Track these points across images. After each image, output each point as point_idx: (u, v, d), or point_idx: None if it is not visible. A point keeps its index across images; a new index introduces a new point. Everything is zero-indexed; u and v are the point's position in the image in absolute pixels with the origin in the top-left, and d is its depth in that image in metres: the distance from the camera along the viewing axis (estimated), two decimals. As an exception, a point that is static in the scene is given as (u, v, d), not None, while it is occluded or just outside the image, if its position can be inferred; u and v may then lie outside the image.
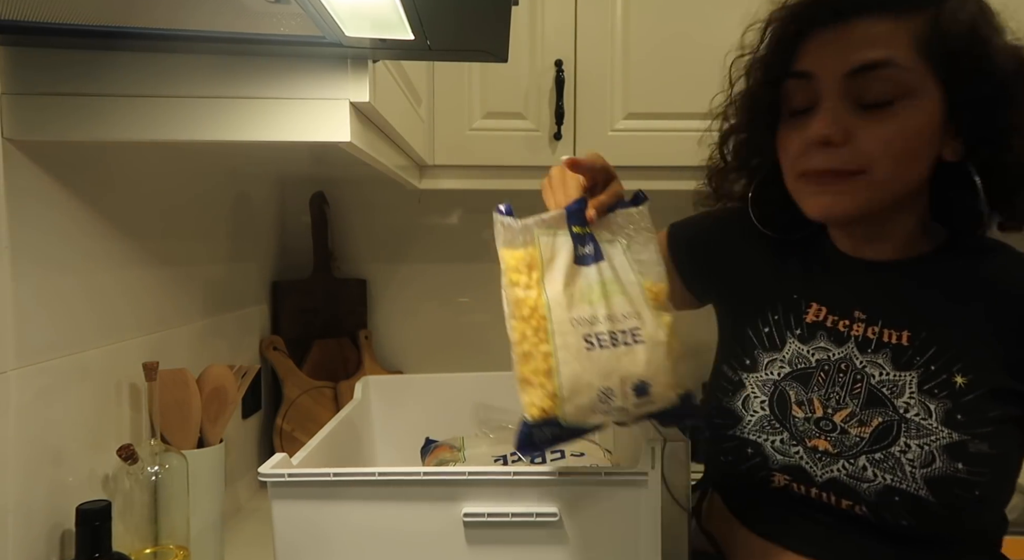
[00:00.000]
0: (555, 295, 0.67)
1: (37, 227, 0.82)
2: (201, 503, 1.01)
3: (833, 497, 0.77)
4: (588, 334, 0.67)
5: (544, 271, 0.69)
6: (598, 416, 0.67)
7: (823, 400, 0.78)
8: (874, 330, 0.78)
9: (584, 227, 0.72)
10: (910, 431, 0.73)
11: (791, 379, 0.81)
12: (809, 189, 0.77)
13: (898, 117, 0.72)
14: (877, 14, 0.72)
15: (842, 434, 0.76)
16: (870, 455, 0.74)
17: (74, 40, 0.73)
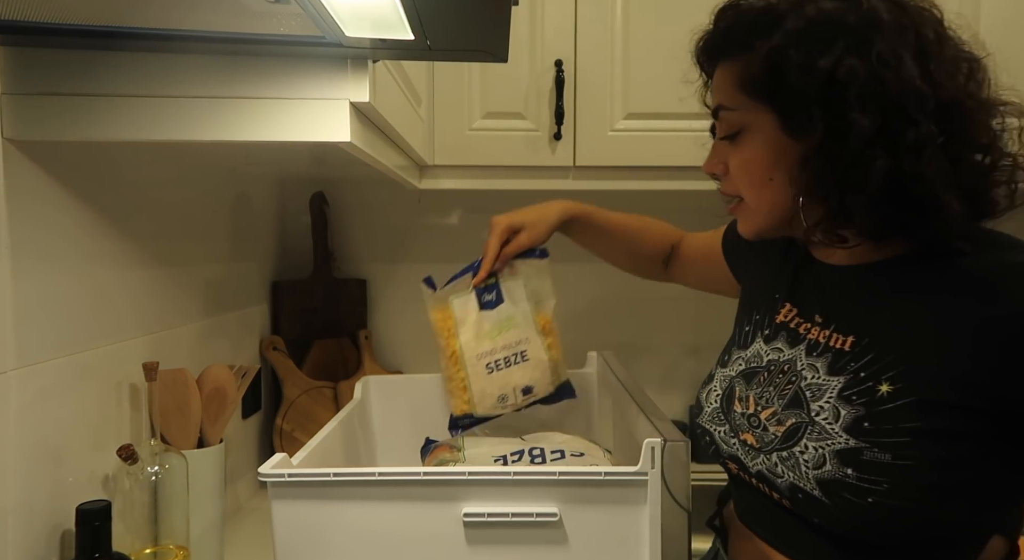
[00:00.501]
0: (465, 342, 1.02)
1: (37, 227, 0.82)
2: (201, 503, 1.01)
3: (766, 488, 0.80)
4: (488, 362, 1.01)
5: (457, 326, 1.04)
6: (498, 409, 1.01)
7: (757, 398, 0.82)
8: (825, 334, 0.79)
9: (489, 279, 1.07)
10: (813, 433, 0.74)
11: (741, 376, 0.86)
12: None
13: (740, 148, 0.79)
14: (726, 58, 0.79)
15: (763, 431, 0.79)
16: (779, 453, 0.76)
17: (74, 40, 0.73)
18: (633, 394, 0.92)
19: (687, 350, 1.73)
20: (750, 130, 0.77)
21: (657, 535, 0.71)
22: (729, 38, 0.79)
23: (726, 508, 0.95)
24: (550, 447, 0.91)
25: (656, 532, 0.71)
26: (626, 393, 0.94)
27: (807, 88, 0.70)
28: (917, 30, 0.71)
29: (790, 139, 0.74)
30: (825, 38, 0.69)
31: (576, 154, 1.40)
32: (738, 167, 0.79)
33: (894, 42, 0.69)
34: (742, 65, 0.76)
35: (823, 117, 0.70)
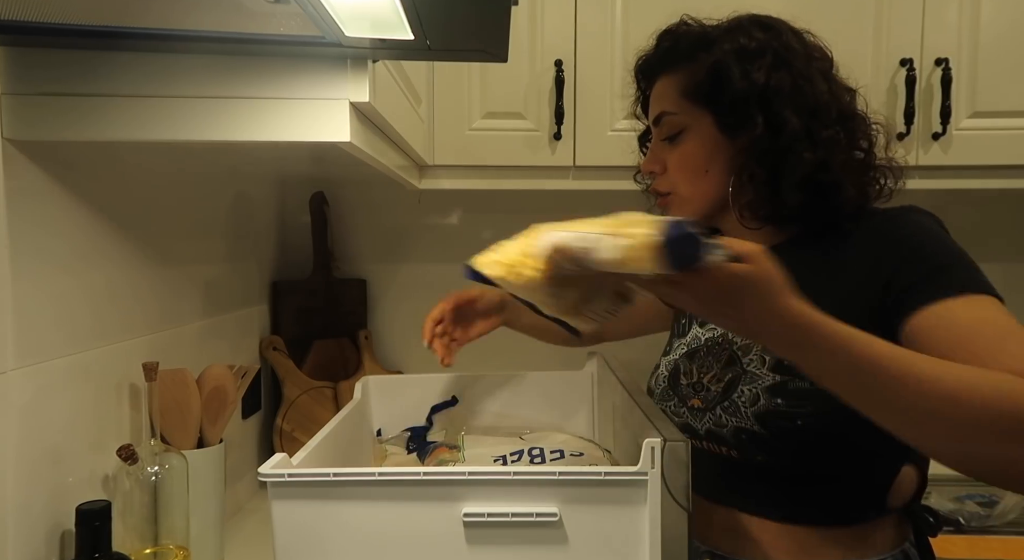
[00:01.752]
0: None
1: (37, 227, 0.82)
2: (201, 503, 1.01)
3: (715, 446, 0.89)
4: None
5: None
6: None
7: (699, 369, 0.94)
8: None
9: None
10: (746, 380, 0.88)
11: (684, 357, 0.98)
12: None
13: (682, 147, 0.93)
14: (667, 71, 0.94)
15: (706, 391, 0.92)
16: (722, 404, 0.89)
17: (74, 40, 0.73)
18: (633, 394, 0.92)
19: (687, 350, 1.72)
20: (690, 130, 0.92)
21: (657, 535, 0.71)
22: (674, 52, 0.94)
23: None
24: (549, 447, 0.91)
25: (656, 532, 0.71)
26: (626, 393, 0.94)
27: (748, 93, 0.86)
28: (819, 59, 0.91)
29: (725, 136, 0.89)
30: (757, 55, 0.87)
31: (576, 154, 1.40)
32: (678, 162, 0.93)
33: (806, 64, 0.88)
34: (686, 75, 0.91)
35: (762, 116, 0.86)
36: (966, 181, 1.42)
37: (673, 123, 0.93)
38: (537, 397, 1.18)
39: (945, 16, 1.38)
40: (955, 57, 1.37)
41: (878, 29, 1.38)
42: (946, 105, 1.37)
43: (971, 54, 1.38)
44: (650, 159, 0.96)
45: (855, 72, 0.98)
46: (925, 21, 1.38)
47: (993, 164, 1.40)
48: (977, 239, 1.74)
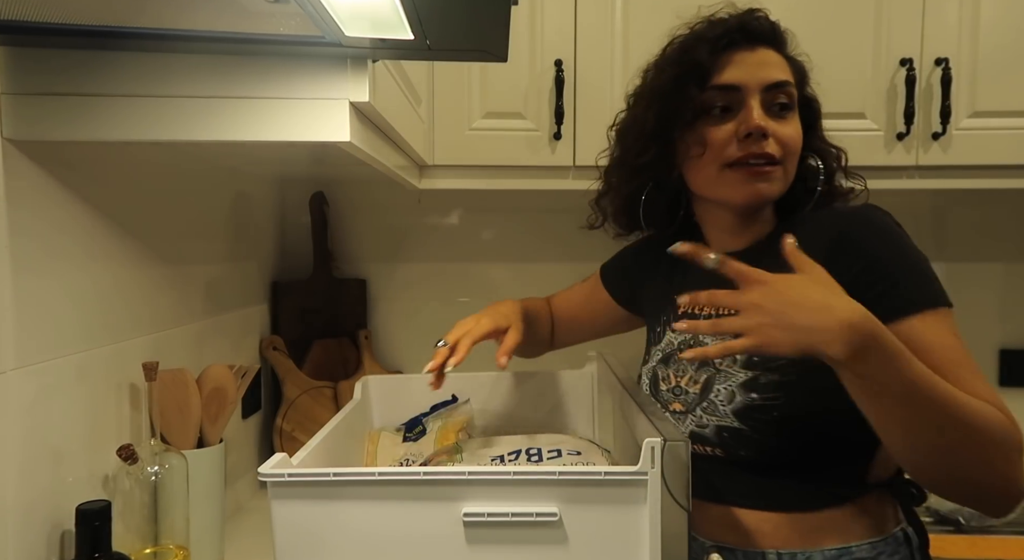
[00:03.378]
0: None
1: (37, 227, 0.82)
2: (201, 503, 1.01)
3: (700, 447, 0.91)
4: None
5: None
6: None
7: (675, 373, 0.97)
8: (714, 309, 0.92)
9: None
10: (720, 379, 0.90)
11: (660, 362, 1.00)
12: (738, 177, 0.92)
13: (793, 124, 0.93)
14: (771, 46, 0.94)
15: (685, 394, 0.94)
16: (701, 405, 0.91)
17: (74, 40, 0.73)
18: (633, 394, 0.92)
19: (687, 350, 1.72)
20: (796, 112, 0.94)
21: (657, 535, 0.71)
22: (776, 33, 0.95)
23: None
24: (547, 446, 0.91)
25: (656, 532, 0.71)
26: (626, 393, 0.94)
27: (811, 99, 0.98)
28: None
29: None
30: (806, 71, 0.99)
31: (576, 154, 1.40)
32: (790, 137, 0.92)
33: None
34: (785, 59, 0.95)
35: (814, 116, 0.98)
36: (966, 181, 1.42)
37: (791, 95, 0.93)
38: (537, 397, 1.18)
39: (945, 16, 1.38)
40: (955, 57, 1.37)
41: (878, 29, 1.38)
42: (946, 105, 1.37)
43: (971, 54, 1.38)
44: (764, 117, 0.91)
45: (855, 72, 0.99)
46: (925, 21, 1.38)
47: (993, 164, 1.40)
48: (977, 239, 1.75)
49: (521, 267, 1.74)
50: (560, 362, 1.66)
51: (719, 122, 0.92)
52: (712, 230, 1.02)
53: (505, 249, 1.74)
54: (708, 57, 0.92)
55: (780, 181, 0.93)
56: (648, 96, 0.99)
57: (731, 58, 0.92)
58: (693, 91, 0.92)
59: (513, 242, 1.74)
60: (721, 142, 0.92)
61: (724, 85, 0.92)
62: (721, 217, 0.99)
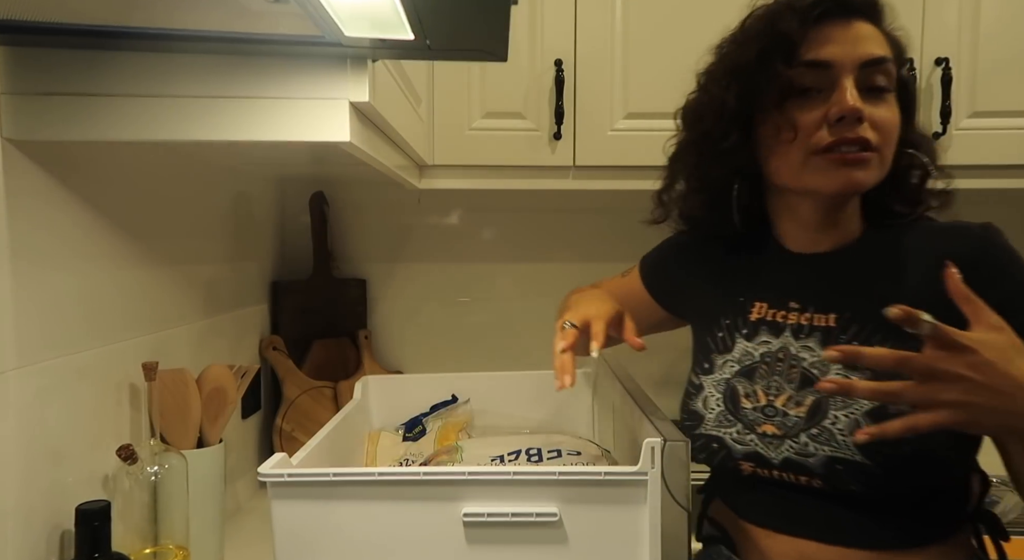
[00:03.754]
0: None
1: (37, 227, 0.82)
2: (201, 503, 1.01)
3: (792, 475, 0.83)
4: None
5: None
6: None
7: (765, 389, 0.87)
8: (807, 317, 0.87)
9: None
10: (836, 404, 0.81)
11: (739, 375, 0.90)
12: (828, 163, 0.82)
13: (892, 106, 0.84)
14: (867, 19, 0.84)
15: (783, 417, 0.84)
16: (808, 431, 0.82)
17: (74, 40, 0.73)
18: (633, 394, 0.92)
19: (687, 350, 1.73)
20: (894, 93, 0.84)
21: (657, 535, 0.71)
22: (874, 4, 0.85)
23: (709, 515, 0.96)
24: (547, 446, 0.91)
25: (656, 532, 0.71)
26: (626, 393, 0.94)
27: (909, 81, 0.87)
28: None
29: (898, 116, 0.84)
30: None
31: (576, 154, 1.40)
32: (888, 121, 0.83)
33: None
34: (883, 34, 0.85)
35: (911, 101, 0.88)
36: (966, 181, 1.42)
37: (889, 75, 0.83)
38: (537, 397, 1.18)
39: (945, 16, 1.38)
40: (955, 57, 1.37)
41: (878, 29, 1.38)
42: (946, 105, 1.37)
43: (971, 54, 1.38)
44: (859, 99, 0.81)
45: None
46: (925, 21, 1.38)
47: (993, 164, 1.40)
48: (977, 239, 1.75)
49: (521, 267, 1.74)
50: (560, 362, 1.65)
51: (808, 103, 0.83)
52: (790, 229, 0.92)
53: (505, 249, 1.74)
54: (797, 29, 0.81)
55: (877, 169, 0.83)
56: (727, 74, 0.88)
57: (823, 31, 0.82)
58: (779, 67, 0.82)
59: (513, 242, 1.74)
60: (810, 126, 0.82)
61: (815, 62, 0.82)
62: (803, 213, 0.89)
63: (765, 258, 0.94)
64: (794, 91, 0.83)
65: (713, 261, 0.99)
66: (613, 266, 1.43)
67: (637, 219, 1.04)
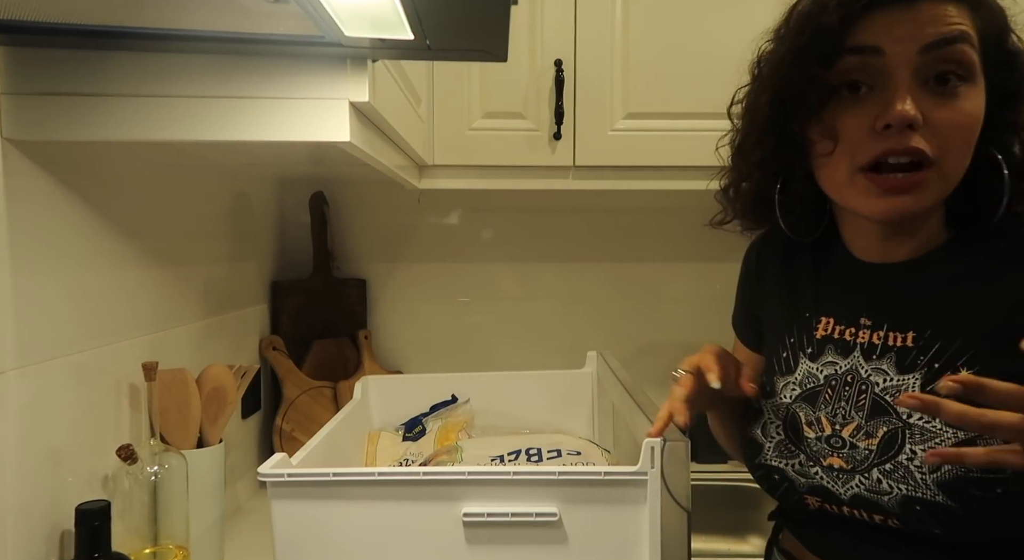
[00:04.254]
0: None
1: (37, 227, 0.82)
2: (201, 503, 1.01)
3: (864, 513, 0.74)
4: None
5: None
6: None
7: (830, 417, 0.77)
8: (879, 335, 0.76)
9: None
10: (914, 437, 0.70)
11: (801, 400, 0.80)
12: (869, 186, 0.70)
13: (965, 101, 0.68)
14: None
15: (852, 449, 0.74)
16: (881, 467, 0.72)
17: (74, 40, 0.73)
18: (633, 394, 0.92)
19: (687, 350, 1.73)
20: (975, 82, 0.69)
21: (657, 535, 0.71)
22: None
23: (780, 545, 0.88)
24: (547, 446, 0.91)
25: (656, 532, 0.71)
26: (626, 393, 0.94)
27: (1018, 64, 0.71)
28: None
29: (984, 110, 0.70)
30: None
31: (576, 154, 1.40)
32: (957, 125, 0.68)
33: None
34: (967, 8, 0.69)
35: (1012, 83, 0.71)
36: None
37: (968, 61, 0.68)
38: (537, 397, 1.18)
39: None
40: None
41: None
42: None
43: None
44: (912, 101, 0.67)
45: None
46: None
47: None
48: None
49: (521, 267, 1.75)
50: (560, 362, 1.65)
51: (854, 106, 0.70)
52: (857, 237, 0.81)
53: (505, 249, 1.74)
54: (839, 22, 0.68)
55: (932, 189, 0.70)
56: (762, 74, 0.78)
57: (875, 17, 0.68)
58: (817, 70, 0.70)
59: (513, 242, 1.74)
60: (854, 136, 0.70)
61: (859, 47, 0.68)
62: (864, 227, 0.79)
63: (832, 268, 0.84)
64: (836, 92, 0.71)
65: (780, 274, 0.89)
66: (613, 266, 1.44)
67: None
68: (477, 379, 1.17)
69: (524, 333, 1.74)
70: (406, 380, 1.23)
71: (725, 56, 1.34)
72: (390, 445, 1.07)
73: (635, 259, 1.72)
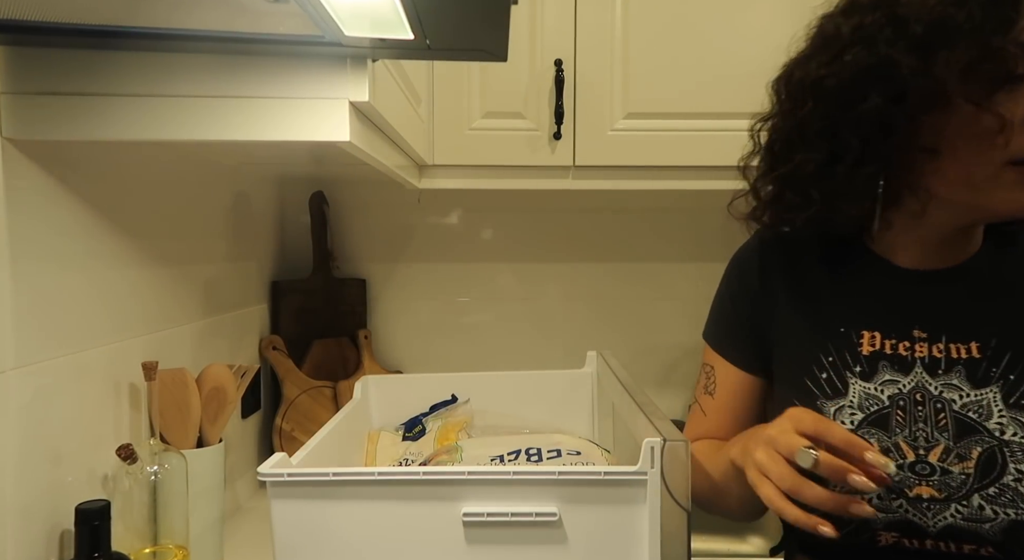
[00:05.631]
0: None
1: (36, 226, 0.82)
2: (201, 503, 1.01)
3: (952, 545, 0.69)
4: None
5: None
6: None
7: (910, 441, 0.70)
8: (939, 348, 0.71)
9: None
10: (1016, 455, 0.65)
11: (868, 425, 0.73)
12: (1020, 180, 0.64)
13: None
14: None
15: (944, 475, 0.68)
16: (982, 492, 0.66)
17: (74, 40, 0.73)
18: (633, 394, 0.92)
19: (687, 350, 1.73)
20: None
21: (657, 535, 0.71)
22: None
23: None
24: (547, 446, 0.91)
25: (656, 532, 0.71)
26: (626, 393, 0.94)
27: None
28: None
29: None
30: None
31: (576, 154, 1.40)
32: None
33: None
34: None
35: None
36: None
37: None
38: (537, 397, 1.18)
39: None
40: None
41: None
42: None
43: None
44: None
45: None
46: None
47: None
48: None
49: (520, 267, 1.75)
50: (560, 362, 1.65)
51: (1016, 91, 0.62)
52: (903, 241, 0.75)
53: (505, 249, 1.74)
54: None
55: None
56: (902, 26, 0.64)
57: None
58: (998, 39, 0.61)
59: (513, 242, 1.74)
60: (1019, 126, 0.62)
61: None
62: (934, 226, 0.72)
63: (859, 275, 0.78)
64: (1012, 77, 0.62)
65: (786, 282, 0.81)
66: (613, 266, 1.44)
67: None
68: (477, 379, 1.17)
69: (524, 333, 1.74)
70: (406, 380, 1.22)
71: (725, 56, 1.35)
72: (390, 445, 1.07)
73: (635, 259, 1.72)
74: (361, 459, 1.05)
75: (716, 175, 1.36)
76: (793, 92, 0.72)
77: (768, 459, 0.64)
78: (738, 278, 0.87)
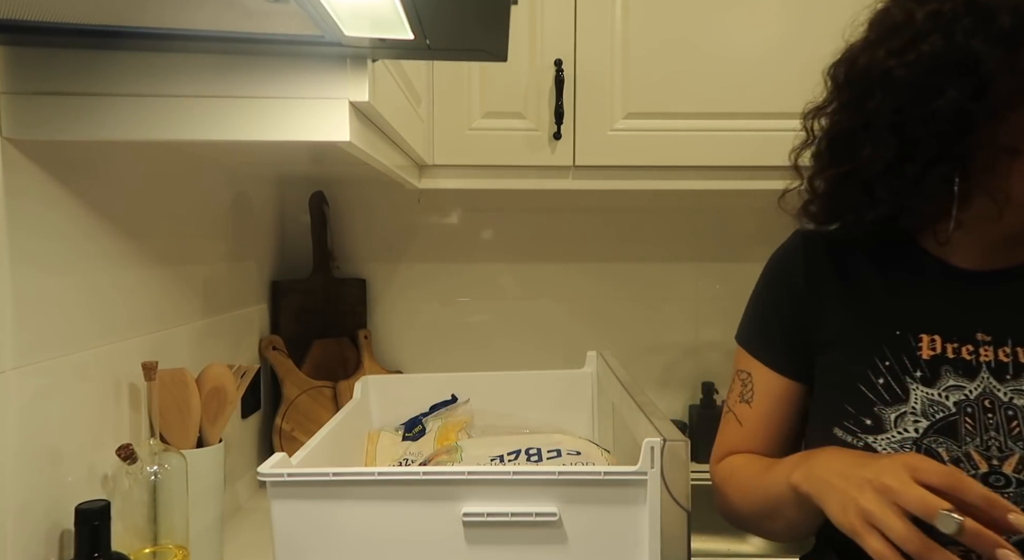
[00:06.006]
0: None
1: (36, 227, 0.82)
2: (201, 503, 1.01)
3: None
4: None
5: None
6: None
7: (982, 451, 0.66)
8: (1005, 352, 0.68)
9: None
10: None
11: (934, 433, 0.68)
12: None
13: None
14: None
15: (1020, 487, 0.64)
16: None
17: (74, 40, 0.73)
18: (633, 394, 0.92)
19: (687, 350, 1.73)
20: None
21: (656, 535, 0.71)
22: None
23: None
24: (547, 446, 0.91)
25: (655, 532, 0.71)
26: (626, 393, 0.94)
27: None
28: None
29: None
30: None
31: (576, 153, 1.40)
32: None
33: None
34: None
35: None
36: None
37: None
38: (537, 397, 1.18)
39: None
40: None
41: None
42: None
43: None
44: None
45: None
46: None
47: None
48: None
49: (521, 267, 1.75)
50: (560, 362, 1.65)
51: None
52: (963, 241, 0.71)
53: (505, 249, 1.74)
54: None
55: None
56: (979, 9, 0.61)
57: None
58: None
59: (513, 242, 1.74)
60: None
61: None
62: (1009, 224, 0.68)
63: (912, 276, 0.74)
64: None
65: (833, 283, 0.77)
66: (613, 266, 1.44)
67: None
68: (477, 379, 1.17)
69: (524, 333, 1.74)
70: (406, 380, 1.22)
71: (725, 56, 1.35)
72: (390, 445, 1.07)
73: (635, 259, 1.72)
74: (361, 459, 1.05)
75: (716, 175, 1.36)
76: (857, 81, 0.68)
77: (882, 512, 0.58)
78: (780, 277, 0.83)
